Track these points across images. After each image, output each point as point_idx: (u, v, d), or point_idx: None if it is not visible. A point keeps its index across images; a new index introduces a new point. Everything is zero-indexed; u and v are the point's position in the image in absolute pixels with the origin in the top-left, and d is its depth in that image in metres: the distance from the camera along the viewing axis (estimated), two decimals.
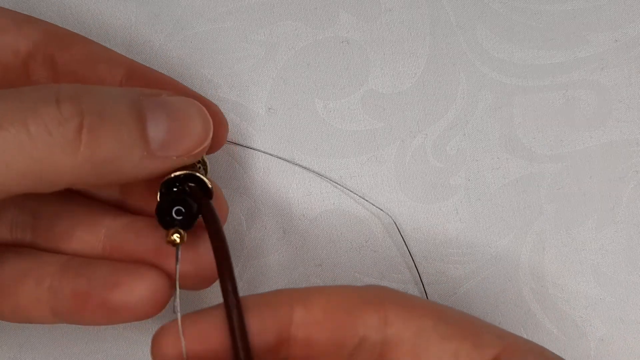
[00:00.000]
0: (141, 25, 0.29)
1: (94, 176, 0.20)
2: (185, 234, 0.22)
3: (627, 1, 0.30)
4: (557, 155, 0.30)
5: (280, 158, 0.30)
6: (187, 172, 0.23)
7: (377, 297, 0.22)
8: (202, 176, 0.23)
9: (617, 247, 0.30)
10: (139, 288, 0.22)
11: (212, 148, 0.24)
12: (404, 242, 0.30)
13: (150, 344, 0.29)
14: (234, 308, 0.21)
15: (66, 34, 0.24)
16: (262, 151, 0.30)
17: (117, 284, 0.22)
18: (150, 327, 0.30)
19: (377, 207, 0.30)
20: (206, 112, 0.22)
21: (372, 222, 0.30)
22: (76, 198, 0.25)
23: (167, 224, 0.22)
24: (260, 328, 0.21)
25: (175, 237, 0.22)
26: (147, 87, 0.24)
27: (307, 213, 0.30)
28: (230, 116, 0.29)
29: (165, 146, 0.21)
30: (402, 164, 0.30)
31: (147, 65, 0.29)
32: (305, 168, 0.30)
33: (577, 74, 0.30)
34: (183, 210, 0.22)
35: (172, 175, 0.23)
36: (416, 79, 0.30)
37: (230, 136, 0.29)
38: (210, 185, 0.23)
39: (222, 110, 0.29)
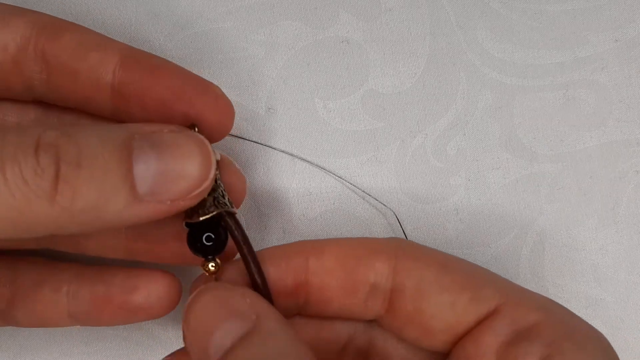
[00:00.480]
0: (141, 25, 0.29)
1: (76, 224, 0.19)
2: (220, 263, 0.23)
3: (627, 1, 0.30)
4: (557, 155, 0.30)
5: (285, 152, 0.30)
6: (210, 215, 0.22)
7: (389, 247, 0.24)
8: (226, 210, 0.23)
9: (617, 247, 0.30)
10: (157, 290, 0.24)
11: (217, 136, 0.24)
12: (406, 238, 0.30)
13: (150, 345, 0.29)
14: (245, 245, 0.23)
15: (56, 23, 0.23)
16: (269, 146, 0.30)
17: (136, 287, 0.24)
18: (150, 328, 0.30)
19: (381, 202, 0.30)
20: (208, 147, 0.21)
21: (372, 221, 0.30)
22: None
23: (200, 252, 0.23)
24: (278, 274, 0.23)
25: (211, 267, 0.23)
26: (144, 77, 0.23)
27: (307, 213, 0.30)
28: None
29: (154, 191, 0.20)
30: (402, 164, 0.30)
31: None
32: (311, 163, 0.30)
33: (577, 74, 0.30)
34: (213, 236, 0.23)
35: (192, 221, 0.22)
36: (416, 79, 0.30)
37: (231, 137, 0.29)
38: (234, 211, 0.23)
39: None
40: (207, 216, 0.22)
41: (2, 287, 0.25)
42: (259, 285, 0.23)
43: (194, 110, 0.23)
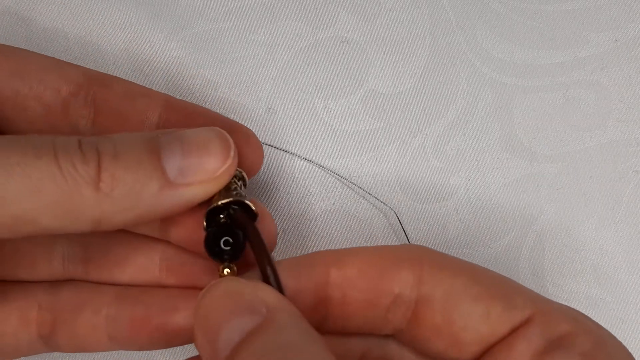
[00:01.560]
0: (141, 25, 0.29)
1: (117, 211, 0.21)
2: (235, 267, 0.23)
3: (627, 1, 0.30)
4: (557, 155, 0.30)
5: (285, 151, 0.30)
6: (229, 200, 0.23)
7: (413, 255, 0.23)
8: (243, 200, 0.23)
9: (617, 247, 0.30)
10: None
11: (248, 173, 0.25)
12: (407, 238, 0.30)
13: None
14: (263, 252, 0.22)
15: (106, 76, 0.26)
16: (269, 145, 0.30)
17: (176, 308, 0.24)
18: None
19: (382, 201, 0.30)
20: (226, 135, 0.22)
21: (373, 221, 0.30)
22: (124, 232, 0.26)
23: (217, 256, 0.23)
24: (298, 289, 0.22)
25: (226, 272, 0.23)
26: (184, 119, 0.25)
27: (307, 213, 0.30)
28: (230, 116, 0.29)
29: (183, 173, 0.22)
30: (402, 164, 0.30)
31: (147, 64, 0.29)
32: (311, 162, 0.30)
33: (577, 74, 0.30)
34: (231, 240, 0.23)
35: (213, 205, 0.23)
36: (416, 79, 0.30)
37: None
38: (254, 208, 0.23)
39: (222, 110, 0.29)
40: (223, 201, 0.23)
41: (44, 312, 0.25)
42: (273, 283, 0.22)
43: None
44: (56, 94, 0.25)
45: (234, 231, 0.23)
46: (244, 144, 0.25)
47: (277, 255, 0.30)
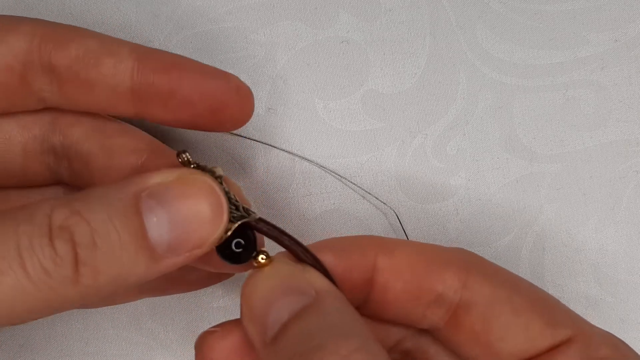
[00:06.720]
0: (141, 25, 0.29)
1: (102, 296, 0.20)
2: (269, 254, 0.22)
3: (627, 1, 0.30)
4: (557, 155, 0.30)
5: (285, 151, 0.30)
6: (229, 235, 0.22)
7: (461, 259, 0.23)
8: (245, 221, 0.22)
9: (617, 247, 0.30)
10: None
11: (239, 123, 0.24)
12: (407, 238, 0.30)
13: (150, 345, 0.29)
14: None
15: (59, 31, 0.23)
16: (270, 145, 0.30)
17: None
18: (151, 328, 0.30)
19: (382, 201, 0.30)
20: (216, 189, 0.21)
21: (373, 221, 0.30)
22: None
23: (230, 259, 0.22)
24: (346, 267, 0.22)
25: (261, 259, 0.22)
26: (162, 76, 0.23)
27: (307, 213, 0.30)
28: None
29: (173, 248, 0.20)
30: (402, 164, 0.30)
31: None
32: (311, 162, 0.30)
33: (577, 74, 0.30)
34: (242, 242, 0.22)
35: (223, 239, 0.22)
36: (416, 79, 0.30)
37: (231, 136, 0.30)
38: (253, 217, 0.22)
39: None
40: (228, 234, 0.22)
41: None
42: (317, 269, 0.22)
43: (217, 105, 0.23)
44: (9, 71, 0.22)
45: (243, 232, 0.22)
46: (234, 96, 0.24)
47: None
